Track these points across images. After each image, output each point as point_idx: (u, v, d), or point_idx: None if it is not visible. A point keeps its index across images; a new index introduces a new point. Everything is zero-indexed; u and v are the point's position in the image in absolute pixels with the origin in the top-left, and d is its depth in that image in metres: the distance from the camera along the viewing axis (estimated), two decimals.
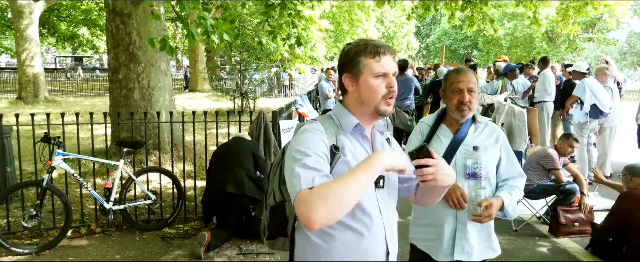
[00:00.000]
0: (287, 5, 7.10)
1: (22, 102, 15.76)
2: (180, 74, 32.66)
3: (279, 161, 1.70)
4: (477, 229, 2.39)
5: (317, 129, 1.56)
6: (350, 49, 1.63)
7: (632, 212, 4.04)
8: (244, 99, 15.36)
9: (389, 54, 1.61)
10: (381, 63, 1.58)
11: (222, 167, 4.65)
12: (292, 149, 1.52)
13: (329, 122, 1.62)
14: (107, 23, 7.13)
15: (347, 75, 1.62)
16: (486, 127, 2.47)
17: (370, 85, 1.58)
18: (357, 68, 1.59)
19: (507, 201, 2.35)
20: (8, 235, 4.57)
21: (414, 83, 8.79)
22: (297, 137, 1.56)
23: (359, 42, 1.64)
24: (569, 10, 10.04)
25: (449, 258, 2.38)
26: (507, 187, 2.42)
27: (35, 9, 15.91)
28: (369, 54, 1.58)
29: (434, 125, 2.50)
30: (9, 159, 5.44)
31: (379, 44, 1.61)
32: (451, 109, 2.41)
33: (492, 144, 2.42)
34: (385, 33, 32.67)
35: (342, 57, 1.66)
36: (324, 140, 1.52)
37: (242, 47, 15.24)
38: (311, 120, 1.67)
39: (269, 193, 1.73)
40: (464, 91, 2.34)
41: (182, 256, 4.40)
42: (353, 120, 1.61)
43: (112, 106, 7.08)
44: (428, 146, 1.52)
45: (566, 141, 5.37)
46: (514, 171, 2.46)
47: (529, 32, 30.78)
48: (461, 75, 2.38)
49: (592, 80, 7.05)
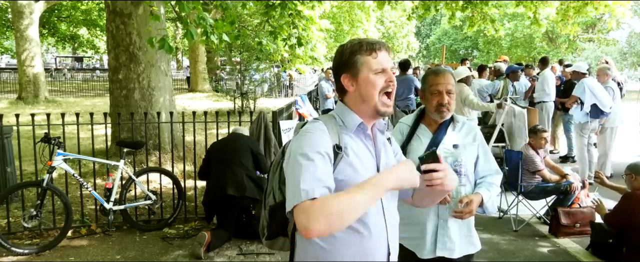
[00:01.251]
0: (288, 5, 7.11)
1: (22, 102, 15.77)
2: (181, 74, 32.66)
3: (278, 160, 1.68)
4: (458, 225, 2.45)
5: (319, 129, 1.54)
6: (344, 49, 1.63)
7: (635, 212, 4.03)
8: (244, 99, 15.36)
9: (384, 49, 1.61)
10: (378, 59, 1.58)
11: (221, 167, 4.65)
12: (294, 150, 1.49)
13: (332, 121, 1.61)
14: (107, 23, 7.13)
15: (345, 76, 1.62)
16: (464, 125, 2.53)
17: (369, 82, 1.58)
18: (354, 67, 1.59)
19: (485, 197, 2.43)
20: (8, 235, 4.57)
21: (414, 82, 8.78)
22: (299, 138, 1.54)
23: (352, 41, 1.64)
24: (569, 10, 10.05)
25: (431, 255, 2.43)
26: (485, 183, 2.49)
27: (35, 9, 15.91)
28: (364, 51, 1.59)
29: (413, 125, 2.56)
30: (9, 159, 5.44)
31: (373, 41, 1.62)
32: (430, 110, 2.47)
33: (470, 142, 2.49)
34: (385, 33, 32.67)
35: (337, 59, 1.65)
36: (327, 140, 1.51)
37: (242, 47, 15.24)
38: (313, 119, 1.66)
39: (268, 192, 1.71)
40: (443, 93, 2.40)
41: (182, 256, 4.40)
42: (356, 118, 1.61)
43: (112, 106, 7.08)
44: (437, 151, 1.56)
45: (535, 136, 5.41)
46: (491, 168, 2.54)
47: (529, 32, 30.78)
48: (439, 77, 2.44)
49: (591, 80, 7.05)
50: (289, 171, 1.47)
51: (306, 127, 1.58)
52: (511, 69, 8.55)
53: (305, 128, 1.57)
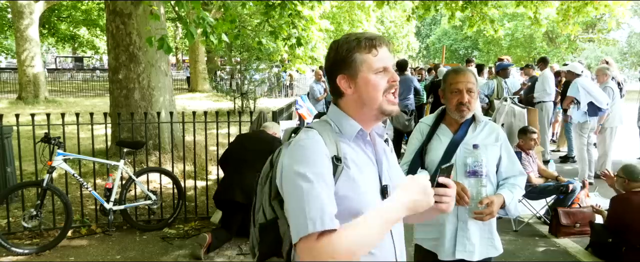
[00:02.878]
0: (287, 5, 7.11)
1: (22, 102, 15.77)
2: (181, 74, 32.65)
3: (267, 172, 1.49)
4: (479, 227, 2.39)
5: (314, 140, 1.37)
6: (340, 45, 1.44)
7: (627, 214, 4.07)
8: (244, 99, 15.36)
9: (385, 45, 1.43)
10: (379, 56, 1.41)
11: (236, 168, 4.61)
12: (289, 168, 1.33)
13: (327, 128, 1.43)
14: (107, 23, 7.13)
15: (342, 76, 1.44)
16: (485, 126, 2.48)
17: (371, 83, 1.41)
18: (353, 66, 1.42)
19: (508, 198, 2.36)
20: (8, 235, 4.58)
21: (413, 83, 8.77)
22: (293, 153, 1.35)
23: (348, 37, 1.45)
24: (569, 10, 10.05)
25: (451, 257, 2.38)
26: (507, 185, 2.43)
27: (35, 9, 15.91)
28: (363, 48, 1.41)
29: (433, 125, 2.51)
30: (9, 159, 5.44)
31: (372, 36, 1.44)
32: (450, 110, 2.43)
33: (492, 143, 2.44)
34: (385, 33, 32.68)
35: (331, 56, 1.46)
36: (325, 153, 1.34)
37: (242, 47, 15.24)
38: (306, 128, 1.45)
39: (257, 208, 1.52)
40: (463, 91, 2.36)
41: (182, 256, 4.40)
42: (355, 125, 1.45)
43: (112, 106, 7.08)
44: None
45: (525, 136, 5.40)
46: (515, 169, 2.48)
47: (529, 32, 30.79)
48: (460, 76, 2.39)
49: (583, 79, 7.09)
50: (288, 194, 1.32)
51: (299, 138, 1.39)
52: (501, 66, 8.52)
53: (298, 140, 1.39)
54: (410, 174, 2.47)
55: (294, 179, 1.30)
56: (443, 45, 34.28)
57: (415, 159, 2.48)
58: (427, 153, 2.44)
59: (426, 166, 2.47)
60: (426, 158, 2.47)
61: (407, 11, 13.84)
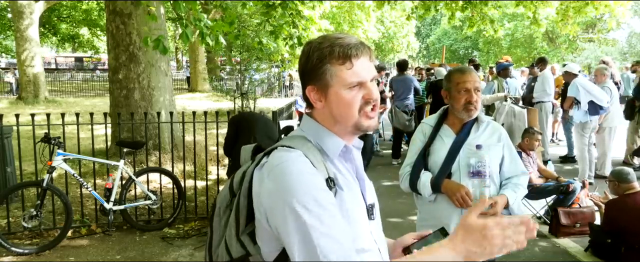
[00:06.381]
0: (288, 5, 7.11)
1: (22, 102, 15.77)
2: (181, 74, 32.66)
3: (226, 202, 1.26)
4: None
5: (303, 162, 1.16)
6: (311, 51, 1.23)
7: (622, 217, 4.09)
8: (244, 99, 15.35)
9: (363, 54, 1.22)
10: (354, 70, 1.20)
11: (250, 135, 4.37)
12: (278, 200, 1.11)
13: (308, 146, 1.22)
14: (107, 23, 7.14)
15: (312, 88, 1.25)
16: (488, 126, 2.48)
17: (343, 100, 1.21)
18: (323, 79, 1.22)
19: (511, 198, 2.37)
20: (8, 235, 4.57)
21: (413, 83, 8.76)
22: (280, 180, 1.12)
23: (323, 42, 1.23)
24: (569, 10, 10.07)
25: None
26: (510, 185, 2.44)
27: (35, 9, 15.92)
28: (336, 59, 1.20)
29: (435, 126, 2.52)
30: (9, 159, 5.44)
31: (348, 43, 1.21)
32: (458, 109, 2.42)
33: (495, 143, 2.44)
34: (385, 33, 32.66)
35: (302, 62, 1.26)
36: (318, 176, 1.15)
37: (242, 47, 15.24)
38: (284, 147, 1.21)
39: (215, 243, 1.27)
40: (471, 90, 2.37)
41: (182, 256, 4.40)
42: (338, 141, 1.25)
43: (112, 106, 7.08)
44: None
45: (529, 137, 5.40)
46: (517, 169, 2.48)
47: (529, 32, 30.80)
48: (466, 75, 2.40)
49: (581, 79, 7.10)
50: (287, 233, 1.10)
51: (282, 162, 1.15)
52: (501, 67, 8.52)
53: (282, 165, 1.14)
54: (413, 175, 2.47)
55: (295, 212, 1.09)
56: (443, 45, 34.28)
57: (419, 160, 2.48)
58: (430, 154, 2.45)
59: (429, 167, 2.47)
60: (429, 159, 2.47)
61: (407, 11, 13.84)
